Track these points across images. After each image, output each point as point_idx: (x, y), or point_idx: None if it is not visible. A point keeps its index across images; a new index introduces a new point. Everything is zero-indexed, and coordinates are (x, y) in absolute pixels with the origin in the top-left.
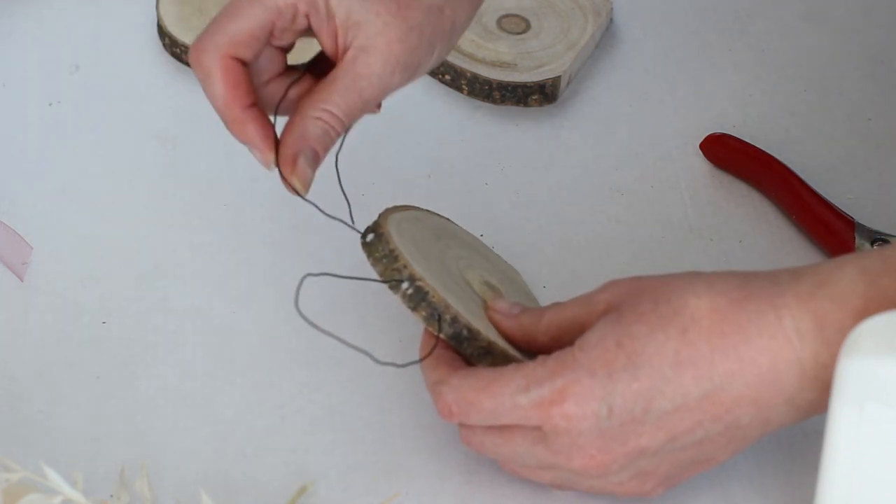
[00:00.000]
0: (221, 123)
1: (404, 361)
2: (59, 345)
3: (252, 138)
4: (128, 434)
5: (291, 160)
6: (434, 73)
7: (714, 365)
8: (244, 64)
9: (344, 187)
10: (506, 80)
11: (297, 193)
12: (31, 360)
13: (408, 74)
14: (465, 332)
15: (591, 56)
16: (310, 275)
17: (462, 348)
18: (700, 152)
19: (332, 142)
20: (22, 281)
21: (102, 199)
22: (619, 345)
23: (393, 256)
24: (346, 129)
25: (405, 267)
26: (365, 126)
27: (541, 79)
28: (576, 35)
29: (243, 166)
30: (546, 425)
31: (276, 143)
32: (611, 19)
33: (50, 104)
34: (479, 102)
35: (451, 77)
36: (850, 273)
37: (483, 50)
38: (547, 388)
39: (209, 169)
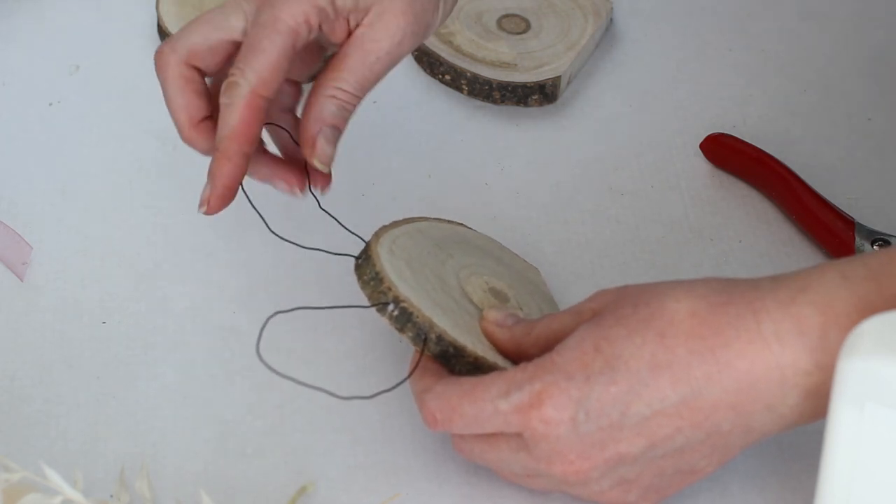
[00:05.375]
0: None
1: (376, 389)
2: (59, 345)
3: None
4: (128, 434)
5: (311, 142)
6: (434, 73)
7: (691, 368)
8: (265, 99)
9: (344, 188)
10: (506, 80)
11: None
12: (31, 360)
13: (416, 39)
14: (451, 350)
15: (591, 56)
16: (279, 312)
17: (450, 365)
18: (700, 152)
19: (349, 115)
20: (22, 281)
21: (102, 199)
22: (597, 348)
23: (378, 279)
24: (362, 98)
25: (390, 289)
26: (365, 126)
27: (541, 79)
28: (576, 35)
29: None
30: (526, 431)
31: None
32: (611, 19)
33: (50, 104)
34: (479, 102)
35: (451, 77)
36: (831, 278)
37: (483, 50)
38: (526, 391)
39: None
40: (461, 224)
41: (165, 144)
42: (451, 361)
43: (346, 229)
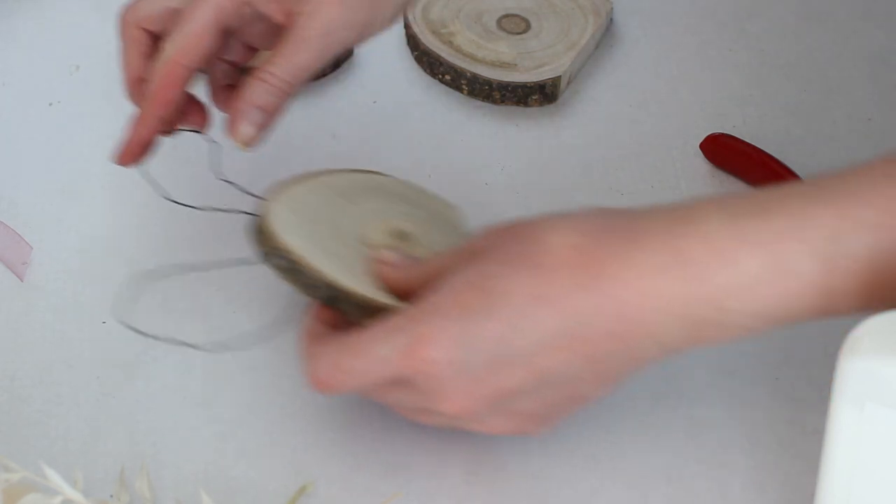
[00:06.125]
0: (221, 122)
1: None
2: (59, 345)
3: None
4: (128, 434)
5: (232, 121)
6: (434, 73)
7: (572, 300)
8: (185, 68)
9: None
10: (506, 80)
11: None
12: (31, 360)
13: (353, 33)
14: (338, 294)
15: (591, 56)
16: (153, 271)
17: (341, 309)
18: (700, 152)
19: (279, 100)
20: (22, 281)
21: (102, 199)
22: (476, 285)
23: (267, 233)
24: (297, 86)
25: (277, 242)
26: (365, 126)
27: (541, 79)
28: (576, 35)
29: (244, 167)
30: (411, 374)
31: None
32: (611, 19)
33: (50, 104)
34: (479, 102)
35: (451, 77)
36: (713, 212)
37: (483, 50)
38: (407, 335)
39: (208, 170)
40: (378, 173)
41: (165, 144)
42: (342, 305)
43: (248, 193)
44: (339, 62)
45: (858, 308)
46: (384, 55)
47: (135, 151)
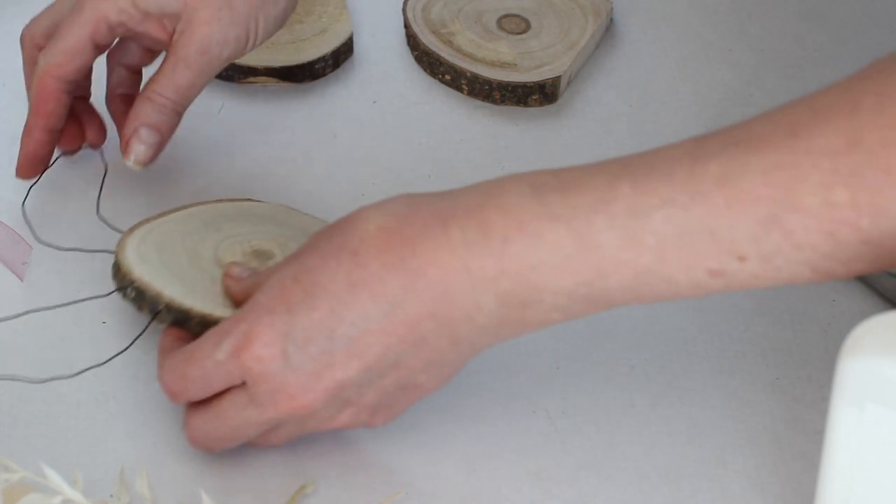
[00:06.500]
0: (222, 123)
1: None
2: (59, 345)
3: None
4: (128, 434)
5: (125, 141)
6: (434, 73)
7: (386, 282)
8: (61, 80)
9: (344, 188)
10: (506, 80)
11: None
12: (32, 360)
13: (230, 49)
14: (180, 315)
15: (591, 56)
16: (3, 319)
17: (190, 329)
18: None
19: (168, 118)
20: (22, 281)
21: (102, 199)
22: (296, 280)
23: (119, 266)
24: (184, 104)
25: (127, 274)
26: (365, 126)
27: (541, 79)
28: (576, 35)
29: (243, 165)
30: (245, 375)
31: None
32: (611, 19)
33: None
34: (479, 102)
35: (451, 77)
36: (520, 186)
37: (483, 50)
38: (234, 336)
39: (209, 168)
40: (249, 199)
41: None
42: (188, 325)
43: (118, 231)
44: (339, 62)
45: (672, 293)
46: (384, 55)
47: (28, 165)
